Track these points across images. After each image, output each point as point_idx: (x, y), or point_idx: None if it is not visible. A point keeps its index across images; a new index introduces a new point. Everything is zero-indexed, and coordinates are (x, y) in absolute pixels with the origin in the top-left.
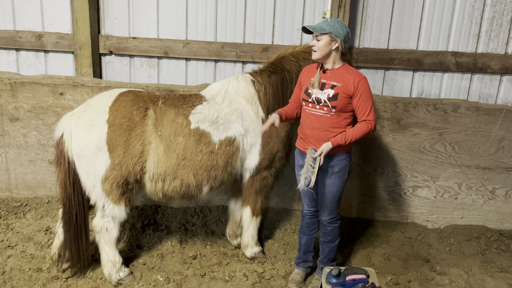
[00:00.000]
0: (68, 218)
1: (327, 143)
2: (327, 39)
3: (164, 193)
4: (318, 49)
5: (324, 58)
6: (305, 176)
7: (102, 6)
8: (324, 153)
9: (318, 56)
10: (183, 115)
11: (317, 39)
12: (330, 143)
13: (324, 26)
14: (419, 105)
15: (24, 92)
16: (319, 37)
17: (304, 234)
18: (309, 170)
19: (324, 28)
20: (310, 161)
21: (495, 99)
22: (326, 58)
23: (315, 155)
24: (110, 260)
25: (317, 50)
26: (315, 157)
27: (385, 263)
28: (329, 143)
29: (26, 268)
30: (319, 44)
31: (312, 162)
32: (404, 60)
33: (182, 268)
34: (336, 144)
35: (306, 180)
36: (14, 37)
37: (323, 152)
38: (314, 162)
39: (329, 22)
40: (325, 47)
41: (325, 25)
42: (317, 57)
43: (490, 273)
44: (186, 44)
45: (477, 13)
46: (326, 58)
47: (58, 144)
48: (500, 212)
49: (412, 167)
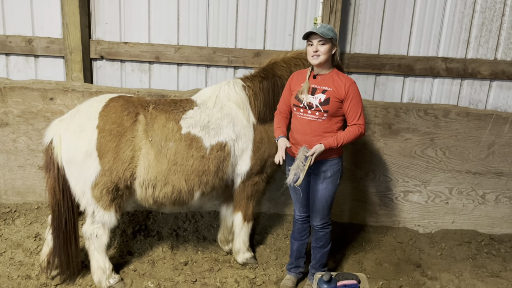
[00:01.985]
0: (57, 225)
1: (319, 145)
2: (330, 44)
3: (155, 199)
4: (323, 53)
5: (325, 62)
6: (294, 172)
7: (93, 11)
8: (316, 154)
9: (322, 61)
10: (174, 120)
11: (321, 44)
12: (323, 145)
13: (326, 31)
14: (410, 110)
15: (13, 97)
16: (323, 42)
17: (295, 240)
18: (299, 167)
19: (327, 33)
20: (302, 158)
21: (485, 104)
22: (326, 63)
23: (308, 154)
24: (100, 267)
25: (322, 55)
26: (307, 156)
27: (376, 268)
28: (322, 145)
29: (14, 275)
30: (323, 49)
31: (303, 160)
32: (395, 66)
33: (173, 274)
34: (328, 146)
35: (295, 176)
36: (4, 42)
37: (315, 152)
38: (305, 161)
39: (327, 28)
40: (328, 51)
41: (326, 30)
42: (320, 61)
43: (481, 278)
44: (177, 49)
45: (466, 19)
46: (326, 62)
47: (48, 150)
48: (491, 216)
49: (403, 172)
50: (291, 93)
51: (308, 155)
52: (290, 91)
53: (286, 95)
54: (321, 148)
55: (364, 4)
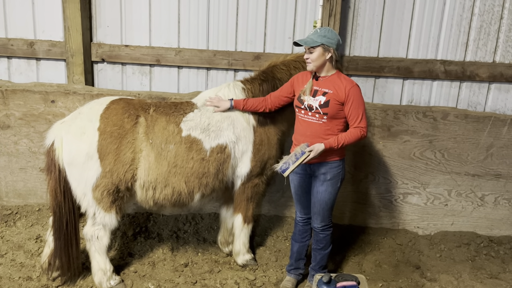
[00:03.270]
0: (58, 226)
1: (319, 144)
2: (320, 50)
3: (155, 201)
4: (312, 60)
5: (319, 68)
6: (285, 161)
7: (94, 14)
8: (314, 152)
9: (312, 68)
10: (175, 122)
11: (310, 52)
12: (323, 144)
13: (315, 38)
14: (409, 112)
15: (15, 100)
16: (312, 50)
17: (296, 241)
18: (291, 158)
19: (315, 40)
20: (299, 152)
21: (484, 107)
22: (321, 68)
23: (306, 149)
24: (100, 268)
25: (311, 62)
26: (304, 151)
27: (376, 270)
28: (322, 144)
29: (15, 277)
30: (313, 56)
31: (299, 154)
32: (394, 68)
33: (174, 276)
34: (328, 146)
35: (284, 164)
36: (6, 45)
37: (314, 150)
38: (301, 155)
39: (320, 33)
40: (318, 58)
41: (316, 37)
42: (312, 68)
43: (480, 279)
44: (178, 52)
45: (465, 22)
46: (321, 68)
47: (49, 152)
48: (490, 218)
49: (402, 174)
50: (292, 89)
51: (307, 150)
52: (292, 87)
53: (285, 87)
54: (321, 147)
55: (363, 7)
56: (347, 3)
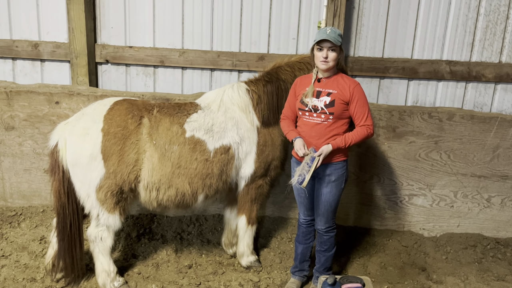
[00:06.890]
0: (62, 228)
1: (327, 145)
2: (338, 50)
3: (159, 202)
4: (332, 60)
5: (331, 68)
6: (299, 173)
7: (98, 16)
8: (324, 155)
9: (330, 66)
10: (178, 123)
11: (331, 50)
12: (331, 145)
13: (337, 37)
14: (414, 113)
15: (19, 101)
16: (333, 48)
17: (300, 243)
18: (305, 168)
19: (338, 40)
20: (308, 159)
21: (490, 107)
22: (332, 68)
23: (315, 155)
24: (104, 270)
25: (330, 61)
26: (314, 157)
27: (381, 272)
28: (329, 145)
29: (20, 278)
30: (333, 55)
31: (310, 161)
32: (399, 69)
33: (177, 277)
34: (336, 146)
35: (300, 177)
36: (11, 46)
37: (323, 153)
38: (312, 162)
39: (336, 33)
40: (337, 58)
41: (337, 36)
42: (329, 67)
43: (487, 282)
44: (182, 53)
45: (470, 22)
46: (332, 68)
47: (53, 153)
48: (496, 220)
49: (408, 175)
50: (296, 98)
51: (316, 155)
52: (295, 96)
53: (291, 100)
54: (329, 149)
55: (368, 7)
56: (352, 4)
